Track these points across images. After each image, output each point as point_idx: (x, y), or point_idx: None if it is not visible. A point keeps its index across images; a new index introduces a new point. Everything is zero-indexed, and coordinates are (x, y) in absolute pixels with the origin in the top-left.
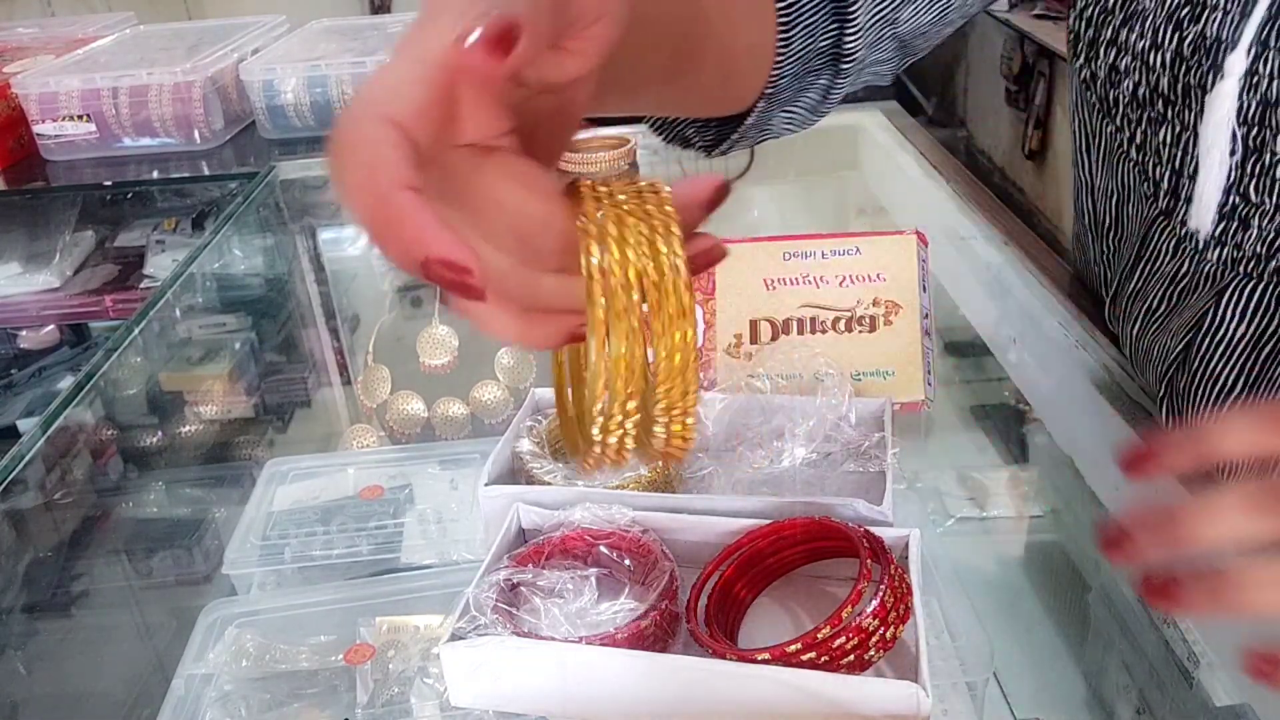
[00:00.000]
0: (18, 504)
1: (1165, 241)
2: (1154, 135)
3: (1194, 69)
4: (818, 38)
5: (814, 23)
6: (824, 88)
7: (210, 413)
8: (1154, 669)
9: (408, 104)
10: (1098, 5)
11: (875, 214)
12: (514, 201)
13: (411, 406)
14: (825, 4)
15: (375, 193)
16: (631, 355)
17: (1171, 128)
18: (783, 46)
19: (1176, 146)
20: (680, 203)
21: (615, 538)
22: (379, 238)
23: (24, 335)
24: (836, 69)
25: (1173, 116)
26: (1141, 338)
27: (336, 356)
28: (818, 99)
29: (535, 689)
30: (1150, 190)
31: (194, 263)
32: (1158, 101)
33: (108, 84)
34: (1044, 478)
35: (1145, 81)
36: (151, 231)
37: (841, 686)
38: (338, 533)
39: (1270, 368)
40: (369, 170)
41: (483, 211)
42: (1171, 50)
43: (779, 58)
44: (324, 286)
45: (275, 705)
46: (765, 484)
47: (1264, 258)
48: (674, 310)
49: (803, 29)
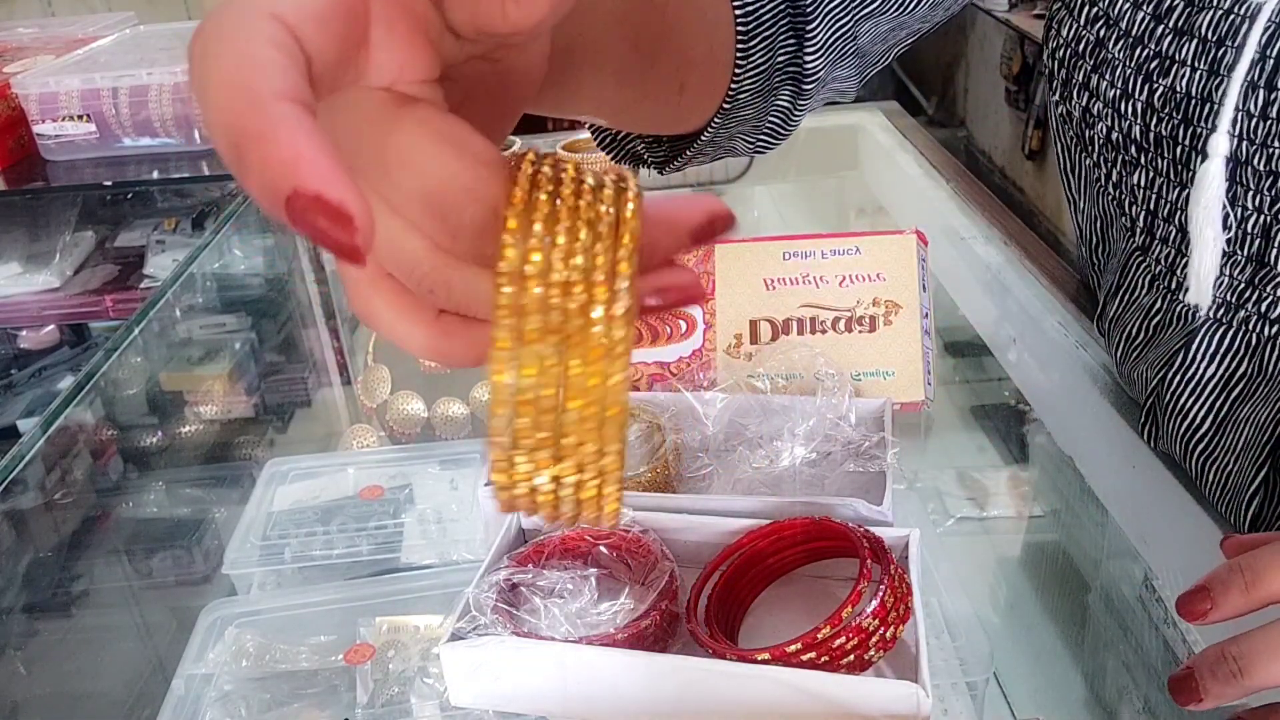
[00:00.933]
0: (18, 504)
1: (1141, 276)
2: (1128, 176)
3: (1165, 120)
4: (776, 53)
5: (773, 36)
6: (785, 109)
7: (210, 413)
8: (1154, 669)
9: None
10: (1069, 48)
11: (875, 214)
12: (432, 162)
13: (411, 406)
14: (784, 19)
15: (245, 97)
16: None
17: (1146, 172)
18: (741, 58)
19: (1150, 189)
20: (660, 218)
21: (615, 538)
22: (238, 157)
23: (24, 335)
24: (799, 89)
25: (1146, 163)
26: (1124, 361)
27: (336, 356)
28: (780, 119)
29: (535, 689)
30: (1128, 225)
31: (194, 263)
32: (1130, 147)
33: (108, 84)
34: (1044, 478)
35: (1117, 127)
36: (151, 231)
37: (841, 686)
38: (338, 533)
39: (1238, 408)
40: (239, 69)
41: (391, 173)
42: (1142, 101)
43: (738, 70)
44: (324, 286)
45: (275, 705)
46: (765, 484)
47: (1234, 306)
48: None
49: (762, 42)
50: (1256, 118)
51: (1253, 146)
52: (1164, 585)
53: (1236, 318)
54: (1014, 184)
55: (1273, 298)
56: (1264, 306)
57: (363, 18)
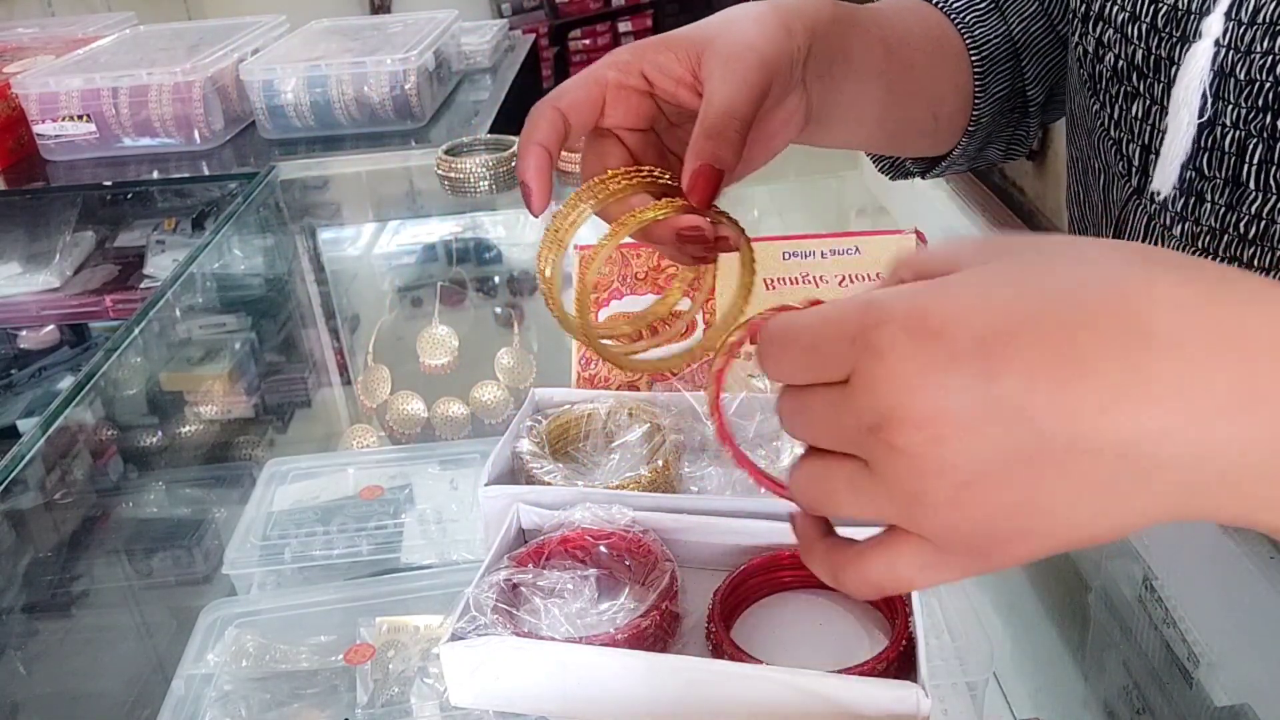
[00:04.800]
0: (18, 504)
1: (1138, 221)
2: (1127, 110)
3: (1165, 40)
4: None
5: (1003, 73)
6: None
7: (210, 413)
8: (1154, 669)
9: (568, 100)
10: None
11: (875, 214)
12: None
13: (411, 406)
14: (1009, 61)
15: (524, 142)
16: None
17: (1143, 101)
18: (980, 91)
19: (1146, 121)
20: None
21: (615, 538)
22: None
23: (24, 335)
24: (1026, 110)
25: (1144, 90)
26: None
27: (336, 356)
28: (1023, 133)
29: (535, 689)
30: (1125, 169)
31: (194, 263)
32: (1132, 75)
33: (108, 84)
34: None
35: (1123, 54)
36: (151, 231)
37: (841, 686)
38: (338, 533)
39: None
40: (529, 130)
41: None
42: (1147, 22)
43: (977, 100)
44: (324, 286)
45: (275, 705)
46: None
47: (1218, 232)
48: None
49: (994, 80)
50: (1245, 25)
51: (1237, 55)
52: (1164, 585)
53: (1221, 244)
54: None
55: (1249, 217)
56: (1243, 227)
57: (600, 105)
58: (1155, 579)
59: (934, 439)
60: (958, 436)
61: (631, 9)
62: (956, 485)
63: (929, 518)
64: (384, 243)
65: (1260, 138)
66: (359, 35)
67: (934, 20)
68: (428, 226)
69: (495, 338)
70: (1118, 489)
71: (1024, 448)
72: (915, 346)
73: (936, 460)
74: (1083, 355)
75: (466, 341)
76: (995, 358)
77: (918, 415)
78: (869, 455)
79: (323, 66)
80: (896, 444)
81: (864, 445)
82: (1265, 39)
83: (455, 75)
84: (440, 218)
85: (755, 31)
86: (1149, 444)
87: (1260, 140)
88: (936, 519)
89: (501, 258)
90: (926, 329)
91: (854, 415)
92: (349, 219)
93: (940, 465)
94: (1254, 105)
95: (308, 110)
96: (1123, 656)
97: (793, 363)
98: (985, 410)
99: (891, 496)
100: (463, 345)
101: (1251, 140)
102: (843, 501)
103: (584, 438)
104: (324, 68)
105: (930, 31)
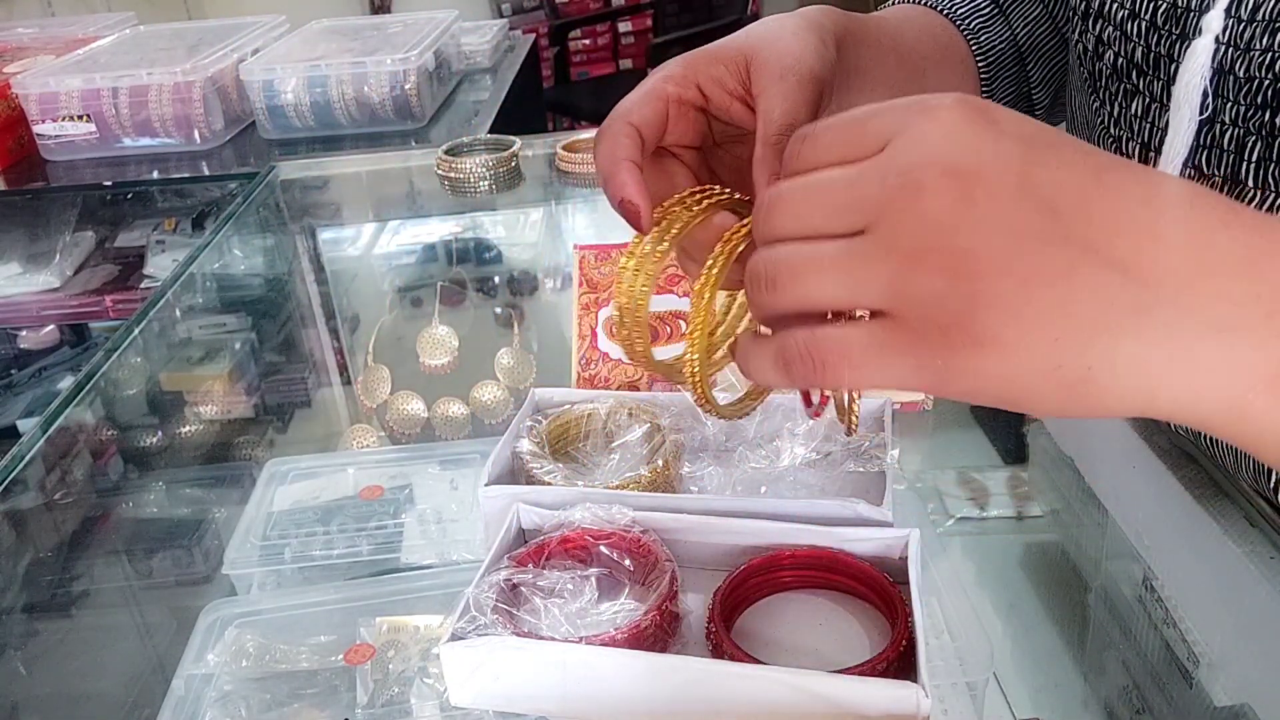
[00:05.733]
0: (18, 504)
1: None
2: (1128, 107)
3: (1164, 38)
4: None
5: (1008, 76)
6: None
7: (210, 413)
8: (1154, 669)
9: (639, 115)
10: None
11: None
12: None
13: (411, 406)
14: (1014, 66)
15: (611, 160)
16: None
17: (1142, 99)
18: (986, 96)
19: (1146, 118)
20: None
21: (615, 538)
22: (605, 186)
23: (24, 335)
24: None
25: (1144, 88)
26: None
27: (336, 356)
28: None
29: (535, 689)
30: None
31: (194, 263)
32: (1132, 73)
33: (108, 84)
34: (1044, 478)
35: (1123, 52)
36: (151, 231)
37: (841, 686)
38: (338, 533)
39: None
40: (611, 148)
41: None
42: (1147, 20)
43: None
44: (324, 286)
45: (275, 705)
46: (765, 484)
47: None
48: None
49: (1000, 84)
50: (1245, 22)
51: (1237, 52)
52: (1164, 585)
53: None
54: None
55: None
56: None
57: (665, 120)
58: (1155, 579)
59: (963, 196)
60: (985, 201)
61: (631, 9)
62: (962, 251)
63: (917, 281)
64: (384, 243)
65: (1259, 135)
66: (359, 35)
67: (940, 27)
68: (428, 226)
69: (495, 338)
70: (1110, 311)
71: (1040, 234)
72: (971, 117)
73: (954, 217)
74: (1113, 185)
75: (466, 341)
76: (1038, 149)
77: (957, 165)
78: (878, 214)
79: (323, 66)
80: (926, 187)
81: (878, 203)
82: (1265, 35)
83: (455, 75)
84: (440, 218)
85: (799, 45)
86: (1153, 278)
87: (1259, 138)
88: (925, 283)
89: (501, 258)
90: (984, 111)
91: (880, 171)
92: (349, 219)
93: (956, 223)
94: (1253, 102)
95: (308, 110)
96: (1123, 657)
97: (834, 137)
98: (1018, 189)
99: (887, 255)
100: (463, 345)
101: (1250, 138)
102: (825, 267)
103: (584, 438)
104: (324, 68)
105: (937, 39)
